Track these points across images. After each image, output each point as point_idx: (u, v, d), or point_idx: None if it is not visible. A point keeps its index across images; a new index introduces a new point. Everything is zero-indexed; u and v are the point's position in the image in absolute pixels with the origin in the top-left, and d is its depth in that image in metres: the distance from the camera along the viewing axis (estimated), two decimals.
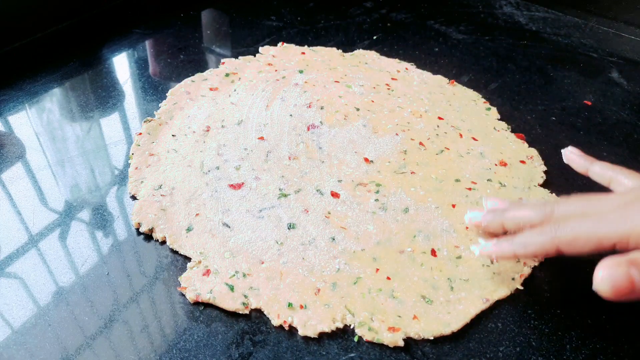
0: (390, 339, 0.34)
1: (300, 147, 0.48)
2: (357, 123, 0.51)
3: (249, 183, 0.44)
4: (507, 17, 0.72)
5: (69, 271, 0.38)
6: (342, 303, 0.36)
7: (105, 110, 0.53)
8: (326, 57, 0.61)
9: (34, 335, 0.34)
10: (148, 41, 0.64)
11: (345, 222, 0.41)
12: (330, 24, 0.69)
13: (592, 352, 0.34)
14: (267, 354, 0.33)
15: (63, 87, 0.56)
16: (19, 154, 0.47)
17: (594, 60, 0.63)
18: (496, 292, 0.37)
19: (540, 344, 0.34)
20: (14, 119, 0.51)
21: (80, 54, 0.60)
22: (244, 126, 0.50)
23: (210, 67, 0.59)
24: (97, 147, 0.49)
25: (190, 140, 0.48)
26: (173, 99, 0.53)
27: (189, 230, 0.40)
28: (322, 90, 0.55)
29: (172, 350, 0.33)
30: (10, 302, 0.36)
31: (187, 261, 0.39)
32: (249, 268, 0.38)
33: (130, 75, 0.58)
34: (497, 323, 0.36)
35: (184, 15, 0.69)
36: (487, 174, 0.46)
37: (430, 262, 0.39)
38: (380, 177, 0.45)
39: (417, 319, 0.35)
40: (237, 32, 0.67)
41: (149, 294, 0.37)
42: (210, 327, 0.35)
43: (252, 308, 0.35)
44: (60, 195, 0.44)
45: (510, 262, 0.39)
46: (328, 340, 0.34)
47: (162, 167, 0.45)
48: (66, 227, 0.41)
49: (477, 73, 0.60)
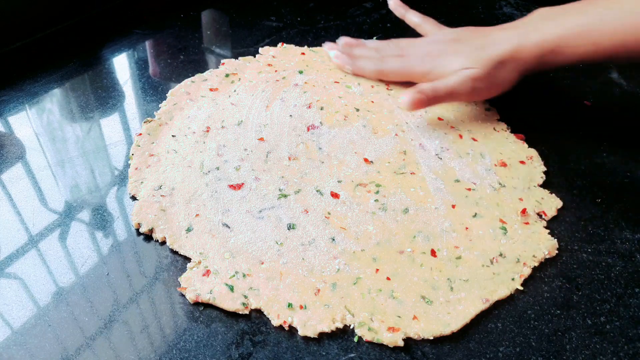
0: (390, 339, 0.34)
1: (300, 147, 0.48)
2: (356, 124, 0.51)
3: (249, 183, 0.44)
4: (507, 18, 0.72)
5: (68, 271, 0.38)
6: (342, 303, 0.36)
7: (105, 110, 0.53)
8: (326, 58, 0.61)
9: (34, 335, 0.34)
10: (148, 41, 0.64)
11: (345, 222, 0.41)
12: (330, 24, 0.69)
13: (592, 352, 0.34)
14: (267, 354, 0.33)
15: (63, 88, 0.56)
16: (19, 155, 0.47)
17: None
18: (496, 293, 0.37)
19: (540, 344, 0.34)
20: (14, 120, 0.51)
21: (80, 54, 0.60)
22: (243, 127, 0.50)
23: (210, 67, 0.59)
24: (97, 148, 0.49)
25: (190, 141, 0.48)
26: (173, 100, 0.53)
27: (189, 231, 0.40)
28: (322, 91, 0.55)
29: (172, 350, 0.33)
30: (10, 302, 0.36)
31: (187, 261, 0.39)
32: (249, 268, 0.38)
33: (130, 76, 0.59)
34: (497, 323, 0.36)
35: (184, 16, 0.69)
36: (487, 175, 0.46)
37: (430, 262, 0.39)
38: (380, 177, 0.45)
39: (416, 319, 0.35)
40: (237, 33, 0.67)
41: (148, 295, 0.37)
42: (210, 328, 0.35)
43: (252, 308, 0.35)
44: (60, 196, 0.44)
45: (510, 263, 0.39)
46: (328, 341, 0.34)
47: (162, 167, 0.45)
48: (66, 227, 0.41)
49: None
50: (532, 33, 0.47)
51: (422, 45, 0.54)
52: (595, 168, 0.48)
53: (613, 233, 0.42)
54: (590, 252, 0.40)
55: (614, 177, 0.47)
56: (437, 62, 0.51)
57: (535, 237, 0.41)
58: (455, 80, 0.49)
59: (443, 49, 0.51)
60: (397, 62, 0.54)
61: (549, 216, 0.43)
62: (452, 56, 0.50)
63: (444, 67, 0.50)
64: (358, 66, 0.56)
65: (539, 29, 0.47)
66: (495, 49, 0.48)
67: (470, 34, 0.52)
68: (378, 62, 0.55)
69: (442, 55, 0.51)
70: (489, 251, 0.40)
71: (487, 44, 0.49)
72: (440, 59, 0.51)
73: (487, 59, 0.48)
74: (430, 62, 0.51)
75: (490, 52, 0.48)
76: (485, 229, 0.41)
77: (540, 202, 0.44)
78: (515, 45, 0.47)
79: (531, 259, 0.39)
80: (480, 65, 0.48)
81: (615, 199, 0.45)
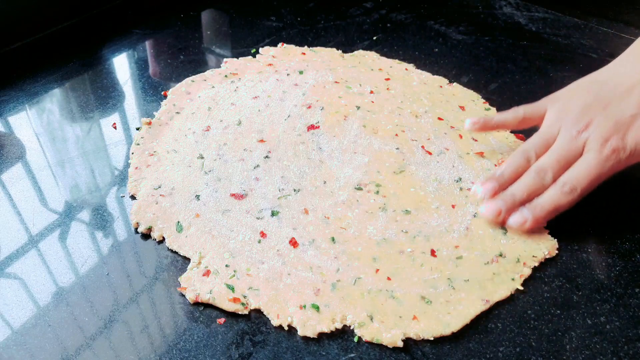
0: (389, 340, 0.34)
1: (300, 147, 0.48)
2: (357, 124, 0.51)
3: (249, 183, 0.44)
4: (507, 18, 0.72)
5: (68, 271, 0.38)
6: (342, 303, 0.36)
7: (106, 110, 0.53)
8: (326, 58, 0.61)
9: (34, 335, 0.34)
10: (148, 41, 0.64)
11: (345, 222, 0.41)
12: (330, 24, 0.69)
13: (592, 352, 0.34)
14: (267, 354, 0.33)
15: (63, 88, 0.56)
16: (19, 155, 0.47)
17: (594, 60, 0.63)
18: (496, 293, 0.37)
19: (540, 344, 0.34)
20: (14, 120, 0.51)
21: (80, 54, 0.60)
22: (243, 126, 0.50)
23: (210, 67, 0.59)
24: (97, 148, 0.49)
25: (190, 141, 0.48)
26: (173, 99, 0.53)
27: (189, 231, 0.40)
28: (322, 91, 0.55)
29: (172, 350, 0.33)
30: (10, 302, 0.36)
31: (187, 261, 0.39)
32: (249, 268, 0.38)
33: (130, 76, 0.59)
34: (497, 323, 0.35)
35: (184, 16, 0.69)
36: (487, 175, 0.46)
37: (430, 262, 0.39)
38: (380, 177, 0.45)
39: (416, 319, 0.35)
40: (237, 32, 0.67)
41: (148, 295, 0.37)
42: (210, 328, 0.35)
43: (251, 308, 0.35)
44: (60, 196, 0.44)
45: (510, 263, 0.39)
46: (328, 341, 0.34)
47: (162, 167, 0.45)
48: (66, 227, 0.41)
49: (477, 73, 0.60)
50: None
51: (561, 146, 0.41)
52: None
53: (613, 233, 0.42)
54: (590, 252, 0.40)
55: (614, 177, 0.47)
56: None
57: (535, 237, 0.41)
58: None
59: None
60: (581, 177, 0.40)
61: None
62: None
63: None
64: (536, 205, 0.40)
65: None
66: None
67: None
68: (557, 189, 0.40)
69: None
70: (489, 251, 0.40)
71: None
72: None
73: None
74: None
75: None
76: (485, 229, 0.41)
77: None
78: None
79: (531, 259, 0.39)
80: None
81: (615, 199, 0.45)
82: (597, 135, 0.40)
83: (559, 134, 0.41)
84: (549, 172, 0.40)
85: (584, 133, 0.40)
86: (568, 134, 0.41)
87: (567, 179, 0.39)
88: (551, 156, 0.41)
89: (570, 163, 0.40)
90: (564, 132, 0.41)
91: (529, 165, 0.41)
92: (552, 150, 0.41)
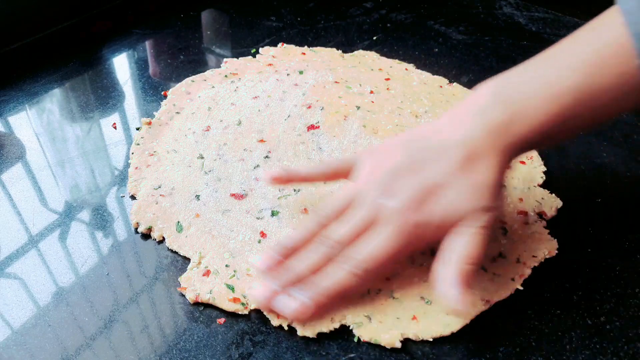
0: (387, 340, 0.34)
1: (300, 147, 0.48)
2: (357, 124, 0.51)
3: (249, 183, 0.44)
4: (507, 18, 0.72)
5: (68, 271, 0.38)
6: (341, 303, 0.36)
7: (106, 110, 0.53)
8: (326, 58, 0.61)
9: (34, 335, 0.34)
10: (148, 41, 0.64)
11: None
12: (330, 24, 0.69)
13: (592, 352, 0.34)
14: (267, 354, 0.33)
15: (63, 88, 0.56)
16: (19, 155, 0.47)
17: None
18: (496, 293, 0.37)
19: (540, 344, 0.34)
20: (14, 120, 0.51)
21: (80, 54, 0.60)
22: (243, 127, 0.50)
23: (210, 67, 0.59)
24: (97, 148, 0.49)
25: (190, 141, 0.48)
26: (173, 99, 0.53)
27: (189, 231, 0.40)
28: (322, 91, 0.55)
29: (172, 350, 0.33)
30: (10, 302, 0.36)
31: (187, 261, 0.39)
32: (249, 268, 0.38)
33: (131, 76, 0.59)
34: (497, 323, 0.35)
35: (184, 16, 0.69)
36: None
37: (430, 262, 0.39)
38: None
39: (416, 319, 0.35)
40: (237, 32, 0.67)
41: (148, 295, 0.37)
42: (210, 328, 0.35)
43: (251, 308, 0.35)
44: (60, 196, 0.44)
45: (510, 263, 0.39)
46: (328, 341, 0.34)
47: (162, 167, 0.45)
48: (66, 227, 0.41)
49: (477, 73, 0.60)
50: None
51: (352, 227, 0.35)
52: (595, 168, 0.48)
53: (613, 233, 0.42)
54: (590, 252, 0.40)
55: (614, 177, 0.47)
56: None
57: (535, 237, 0.41)
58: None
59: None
60: (367, 254, 0.34)
61: (549, 216, 0.43)
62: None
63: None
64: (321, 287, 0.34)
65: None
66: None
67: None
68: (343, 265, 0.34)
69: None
70: (489, 251, 0.40)
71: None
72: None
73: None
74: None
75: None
76: None
77: (540, 202, 0.44)
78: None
79: (531, 259, 0.39)
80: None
81: (615, 199, 0.45)
82: (398, 204, 0.33)
83: (361, 198, 0.35)
84: (338, 245, 0.34)
85: (386, 200, 0.34)
86: (370, 199, 0.34)
87: (358, 258, 0.33)
88: (346, 224, 0.35)
89: (366, 233, 0.34)
90: (365, 197, 0.35)
91: (319, 232, 0.36)
92: (349, 216, 0.35)
